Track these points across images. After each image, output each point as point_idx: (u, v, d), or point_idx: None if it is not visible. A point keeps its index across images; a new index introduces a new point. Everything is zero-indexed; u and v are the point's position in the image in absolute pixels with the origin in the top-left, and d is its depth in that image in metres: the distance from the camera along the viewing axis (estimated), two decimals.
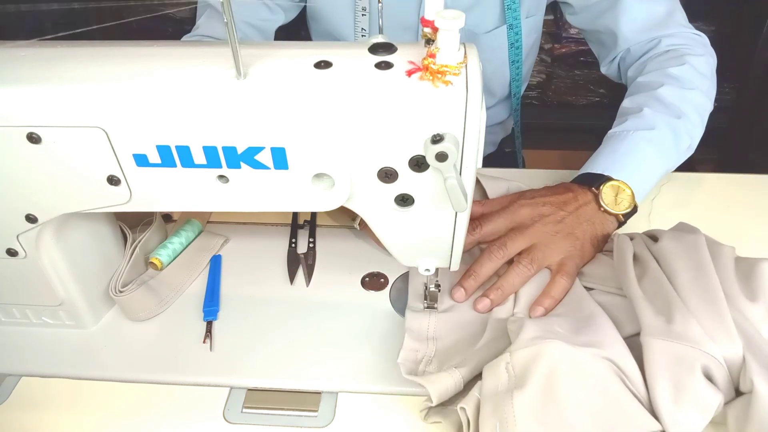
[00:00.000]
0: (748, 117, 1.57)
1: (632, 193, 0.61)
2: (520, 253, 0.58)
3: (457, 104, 0.40)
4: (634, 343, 0.48)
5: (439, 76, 0.40)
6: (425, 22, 0.42)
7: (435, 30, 0.40)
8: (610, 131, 0.69)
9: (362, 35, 0.81)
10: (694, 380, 0.44)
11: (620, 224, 0.62)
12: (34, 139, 0.43)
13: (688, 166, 0.68)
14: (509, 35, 0.82)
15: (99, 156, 0.44)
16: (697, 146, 0.69)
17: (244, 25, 0.81)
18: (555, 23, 1.70)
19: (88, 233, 0.55)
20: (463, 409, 0.45)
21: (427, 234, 0.49)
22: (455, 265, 0.52)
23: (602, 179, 0.62)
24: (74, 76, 0.42)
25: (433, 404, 0.47)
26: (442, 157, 0.40)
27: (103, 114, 0.42)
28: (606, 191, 0.61)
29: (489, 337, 0.52)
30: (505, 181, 0.69)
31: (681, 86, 0.69)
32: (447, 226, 0.48)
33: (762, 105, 1.54)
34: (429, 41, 0.42)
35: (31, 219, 0.48)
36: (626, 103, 0.71)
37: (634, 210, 0.61)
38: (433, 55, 0.40)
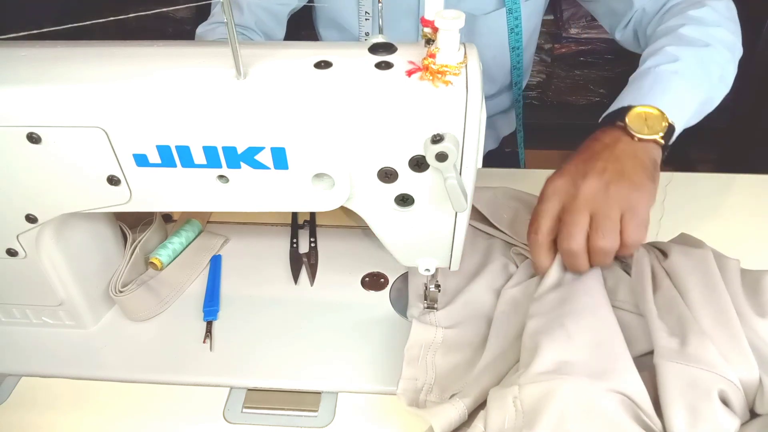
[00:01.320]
0: (748, 117, 1.57)
1: (661, 113, 0.55)
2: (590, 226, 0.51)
3: (457, 104, 0.40)
4: (647, 362, 0.46)
5: (439, 76, 0.40)
6: (425, 22, 0.42)
7: (435, 30, 0.40)
8: (631, 76, 0.63)
9: (366, 18, 0.81)
10: (711, 406, 0.42)
11: (664, 149, 0.56)
12: (34, 139, 0.43)
13: (688, 166, 0.68)
14: (509, 20, 0.81)
15: (99, 156, 0.44)
16: (697, 146, 0.69)
17: (259, 9, 0.82)
18: (555, 23, 1.70)
19: (88, 233, 0.55)
20: None
21: (427, 234, 0.49)
22: (455, 265, 0.52)
23: (626, 111, 0.56)
24: (74, 76, 0.42)
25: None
26: (442, 157, 0.40)
27: (103, 114, 0.42)
28: (631, 120, 0.55)
29: (488, 359, 0.50)
30: (490, 188, 0.68)
31: (704, 24, 0.64)
32: (447, 226, 0.48)
33: (762, 105, 1.54)
34: (429, 41, 0.42)
35: (31, 219, 0.48)
36: (646, 50, 0.66)
37: (672, 130, 0.55)
38: (433, 55, 0.40)
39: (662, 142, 0.55)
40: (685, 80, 0.59)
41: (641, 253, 0.56)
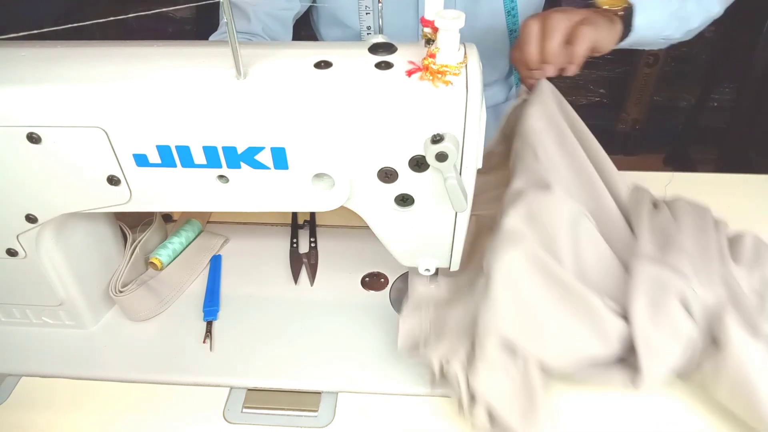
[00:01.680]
0: (748, 117, 1.57)
1: None
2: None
3: (457, 104, 0.40)
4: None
5: (439, 76, 0.40)
6: (425, 22, 0.42)
7: (435, 30, 0.40)
8: None
9: (366, 13, 0.82)
10: (672, 304, 0.46)
11: (625, 27, 0.63)
12: (34, 139, 0.43)
13: (688, 166, 0.68)
14: (505, 2, 0.83)
15: (99, 156, 0.44)
16: (697, 146, 0.70)
17: (264, 16, 0.83)
18: None
19: (88, 233, 0.55)
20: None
21: (427, 234, 0.49)
22: (455, 265, 0.52)
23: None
24: (74, 76, 0.42)
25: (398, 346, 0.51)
26: (442, 157, 0.40)
27: (103, 114, 0.42)
28: (596, 3, 0.64)
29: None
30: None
31: None
32: (447, 226, 0.48)
33: (762, 105, 1.54)
34: (429, 41, 0.42)
35: (31, 219, 0.48)
36: None
37: (631, 11, 0.63)
38: (433, 55, 0.40)
39: (621, 13, 0.63)
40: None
41: (641, 189, 0.60)
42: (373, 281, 0.62)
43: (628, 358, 0.47)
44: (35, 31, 0.39)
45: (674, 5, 0.67)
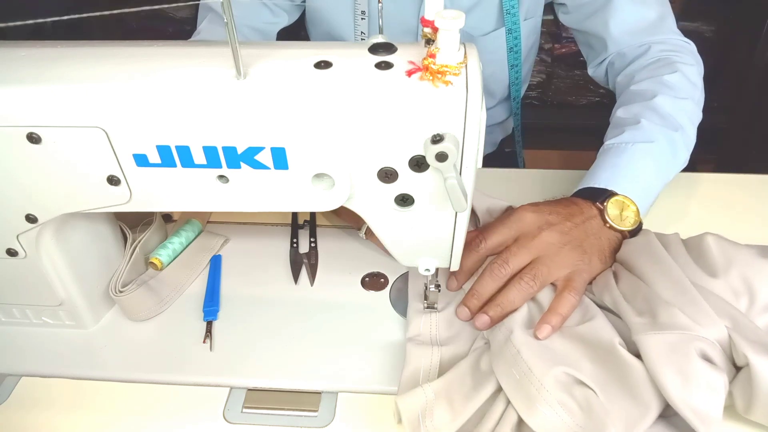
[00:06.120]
0: (748, 117, 1.58)
1: (637, 209, 0.59)
2: (523, 268, 0.55)
3: (457, 104, 0.40)
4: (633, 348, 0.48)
5: (439, 76, 0.40)
6: (425, 22, 0.42)
7: (435, 30, 0.40)
8: (607, 142, 0.66)
9: (361, 38, 0.81)
10: (696, 366, 0.44)
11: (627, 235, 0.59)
12: (34, 139, 0.43)
13: (688, 166, 0.68)
14: (508, 39, 0.82)
15: (99, 156, 0.44)
16: (697, 146, 0.70)
17: (247, 29, 0.82)
18: (555, 23, 1.70)
19: (88, 233, 0.55)
20: None
21: (427, 234, 0.49)
22: (455, 265, 0.52)
23: (606, 194, 0.59)
24: (74, 76, 0.42)
25: (400, 421, 0.47)
26: (442, 157, 0.40)
27: (103, 114, 0.42)
28: (611, 207, 0.59)
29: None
30: (490, 198, 0.66)
31: (675, 96, 0.68)
32: (447, 226, 0.48)
33: (762, 105, 1.54)
34: (429, 41, 0.42)
35: (31, 219, 0.48)
36: (621, 113, 0.69)
37: (640, 227, 0.59)
38: (433, 55, 0.40)
39: (628, 236, 0.59)
40: (656, 165, 0.63)
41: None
42: (373, 281, 0.62)
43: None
44: (40, 20, 0.39)
45: (668, 177, 0.65)
